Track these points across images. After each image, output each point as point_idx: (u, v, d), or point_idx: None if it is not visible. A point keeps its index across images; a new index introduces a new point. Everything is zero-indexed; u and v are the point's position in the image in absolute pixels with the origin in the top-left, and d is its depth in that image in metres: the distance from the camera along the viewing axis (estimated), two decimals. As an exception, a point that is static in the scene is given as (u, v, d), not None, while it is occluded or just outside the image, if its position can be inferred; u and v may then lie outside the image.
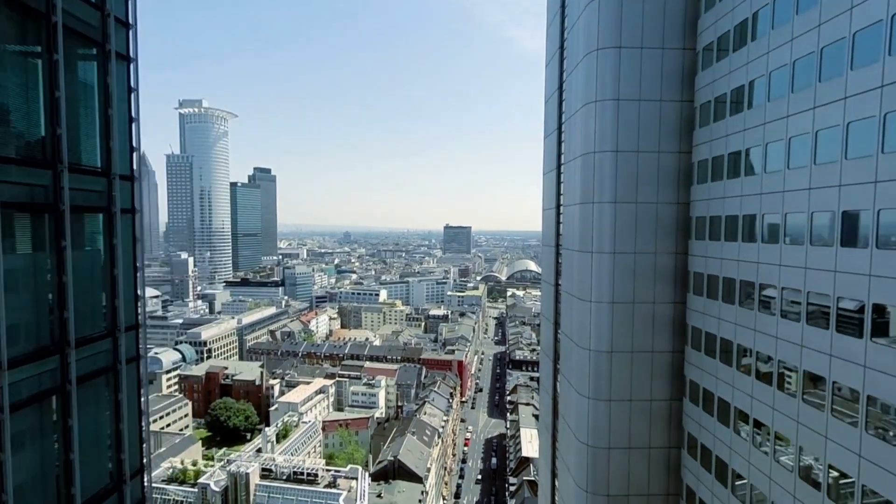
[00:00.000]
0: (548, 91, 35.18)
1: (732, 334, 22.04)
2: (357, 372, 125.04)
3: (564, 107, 30.63)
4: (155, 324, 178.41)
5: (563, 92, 31.82)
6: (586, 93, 25.98)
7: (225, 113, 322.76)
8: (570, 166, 28.89)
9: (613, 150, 24.95)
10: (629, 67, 24.73)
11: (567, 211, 30.28)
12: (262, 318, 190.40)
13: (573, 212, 28.61)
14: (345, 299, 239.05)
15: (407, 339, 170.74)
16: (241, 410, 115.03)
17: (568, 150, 29.50)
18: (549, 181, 34.64)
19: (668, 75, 24.87)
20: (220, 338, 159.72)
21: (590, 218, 26.39)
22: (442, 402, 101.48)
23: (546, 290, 37.72)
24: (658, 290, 26.05)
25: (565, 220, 30.99)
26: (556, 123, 32.52)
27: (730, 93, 22.05)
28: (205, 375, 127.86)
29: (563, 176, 31.47)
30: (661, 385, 26.74)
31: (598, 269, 26.08)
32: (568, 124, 29.43)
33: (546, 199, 35.92)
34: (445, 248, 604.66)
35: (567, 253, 30.25)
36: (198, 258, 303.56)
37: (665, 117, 25.02)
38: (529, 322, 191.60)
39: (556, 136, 32.68)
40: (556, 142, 32.52)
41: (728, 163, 22.49)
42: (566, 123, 30.02)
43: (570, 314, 29.27)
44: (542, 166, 36.48)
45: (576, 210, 27.99)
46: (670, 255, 26.03)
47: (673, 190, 25.59)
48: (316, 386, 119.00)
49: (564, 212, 30.90)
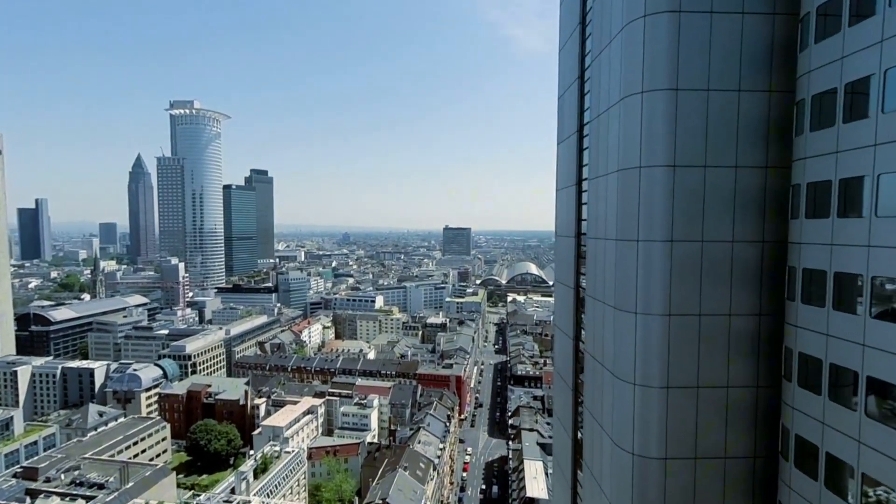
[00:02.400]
0: (563, 83, 27.15)
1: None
2: (348, 390, 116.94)
3: (589, 101, 22.54)
4: (139, 335, 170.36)
5: (584, 82, 23.79)
6: (627, 81, 17.95)
7: (217, 114, 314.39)
8: (601, 182, 20.82)
9: (668, 164, 16.92)
10: (693, 42, 16.72)
11: (596, 184, 21.82)
12: (253, 328, 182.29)
13: (606, 184, 20.26)
14: (340, 306, 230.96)
15: (403, 351, 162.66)
16: (223, 433, 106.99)
17: (596, 164, 21.39)
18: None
19: (752, 53, 16.83)
20: (206, 350, 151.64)
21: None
22: (438, 427, 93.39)
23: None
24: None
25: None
26: (577, 124, 24.46)
27: (876, 77, 13.73)
28: (186, 394, 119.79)
29: (587, 141, 23.36)
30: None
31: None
32: (596, 125, 21.36)
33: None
34: (445, 250, 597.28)
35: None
36: (189, 263, 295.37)
37: (748, 115, 16.99)
38: (531, 331, 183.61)
39: (575, 140, 24.64)
40: (576, 149, 24.48)
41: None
42: (593, 124, 21.93)
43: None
44: (556, 181, 28.43)
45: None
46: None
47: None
48: (304, 406, 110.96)
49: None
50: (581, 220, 24.40)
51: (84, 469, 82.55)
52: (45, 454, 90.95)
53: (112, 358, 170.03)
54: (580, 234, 24.54)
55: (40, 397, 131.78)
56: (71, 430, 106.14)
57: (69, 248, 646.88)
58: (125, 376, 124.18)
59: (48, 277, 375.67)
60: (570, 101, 25.76)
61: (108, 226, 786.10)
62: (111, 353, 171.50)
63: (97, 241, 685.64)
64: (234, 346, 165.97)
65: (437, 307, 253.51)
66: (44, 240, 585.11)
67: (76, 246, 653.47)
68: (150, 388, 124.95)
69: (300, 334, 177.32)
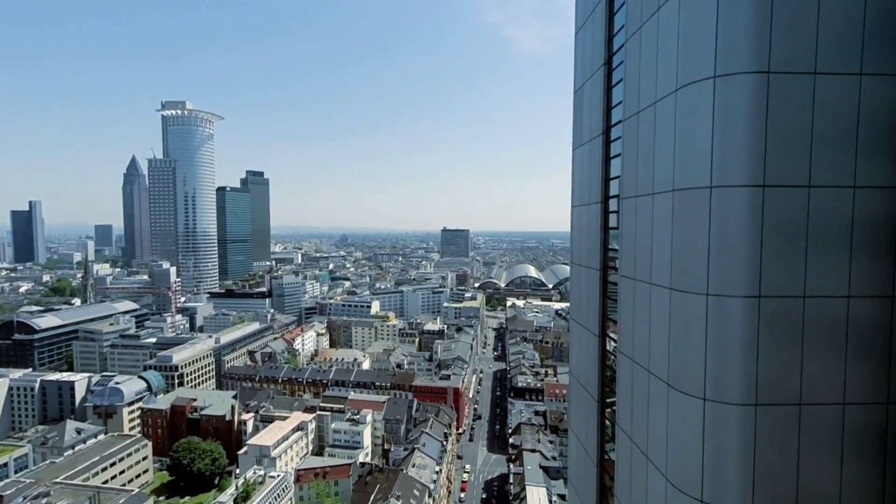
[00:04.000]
0: (580, 74, 21.56)
1: None
2: (341, 404, 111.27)
3: (621, 94, 16.97)
4: (126, 344, 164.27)
5: (612, 71, 18.25)
6: (688, 63, 12.39)
7: (210, 115, 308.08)
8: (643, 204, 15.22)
9: (754, 183, 11.37)
10: (792, 3, 11.20)
11: (634, 206, 15.53)
12: (244, 336, 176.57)
13: (652, 209, 14.22)
14: (335, 312, 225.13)
15: (399, 359, 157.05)
16: (208, 452, 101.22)
17: (633, 178, 15.78)
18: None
19: (881, 19, 11.30)
20: (194, 361, 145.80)
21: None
22: (434, 448, 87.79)
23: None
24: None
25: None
26: (601, 124, 18.90)
27: None
28: (169, 409, 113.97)
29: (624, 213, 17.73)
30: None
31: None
32: (634, 126, 15.76)
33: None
34: (443, 252, 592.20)
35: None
36: (182, 267, 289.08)
37: (873, 109, 11.45)
38: (531, 338, 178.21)
39: (598, 145, 19.07)
40: (601, 156, 18.91)
41: None
42: (627, 124, 16.35)
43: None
44: (572, 194, 22.80)
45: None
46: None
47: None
48: (294, 422, 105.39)
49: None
50: (607, 249, 18.84)
51: (54, 496, 76.72)
52: (13, 478, 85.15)
53: (98, 368, 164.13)
54: (606, 267, 18.96)
55: (18, 412, 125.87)
56: (46, 450, 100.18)
57: (64, 250, 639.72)
58: (106, 390, 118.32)
59: (40, 281, 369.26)
60: (591, 96, 20.17)
61: (104, 228, 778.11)
62: (97, 363, 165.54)
63: (92, 243, 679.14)
64: (224, 356, 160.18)
65: (435, 311, 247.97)
66: (37, 242, 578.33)
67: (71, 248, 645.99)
68: (132, 403, 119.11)
69: (293, 342, 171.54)
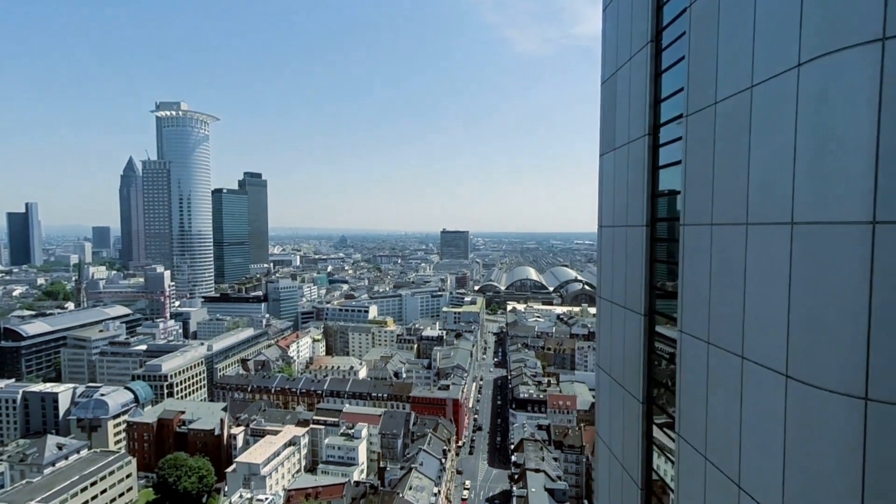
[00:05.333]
0: (612, 58, 16.87)
1: None
2: (335, 418, 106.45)
3: (681, 80, 12.16)
4: (115, 351, 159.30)
5: (663, 50, 13.58)
6: (826, 22, 7.67)
7: (206, 116, 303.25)
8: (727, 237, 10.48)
9: None
10: None
11: (706, 237, 10.81)
12: (238, 343, 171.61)
13: (745, 246, 9.43)
14: (332, 317, 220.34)
15: (397, 367, 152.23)
16: (195, 469, 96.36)
17: (703, 197, 11.00)
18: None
19: None
20: (184, 369, 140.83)
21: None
22: (433, 467, 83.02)
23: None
24: None
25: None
26: (646, 122, 14.17)
27: None
28: (156, 423, 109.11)
29: None
30: None
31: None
32: (705, 124, 10.97)
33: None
34: (443, 253, 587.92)
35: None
36: (176, 271, 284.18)
37: None
38: (532, 345, 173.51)
39: (642, 149, 14.31)
40: (645, 166, 14.18)
41: None
42: (691, 121, 11.57)
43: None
44: (599, 213, 18.06)
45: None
46: None
47: None
48: (286, 436, 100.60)
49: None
50: (654, 289, 14.11)
51: (27, 521, 72.08)
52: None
53: (86, 377, 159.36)
54: (653, 312, 14.23)
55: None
56: (25, 467, 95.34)
57: (61, 252, 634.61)
58: (91, 402, 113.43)
59: (35, 284, 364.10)
60: (628, 86, 15.48)
61: (102, 229, 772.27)
62: (85, 372, 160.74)
63: (90, 245, 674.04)
64: (216, 363, 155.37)
65: (434, 315, 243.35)
66: (34, 244, 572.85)
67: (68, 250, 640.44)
68: (118, 415, 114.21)
69: (287, 349, 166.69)
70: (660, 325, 13.86)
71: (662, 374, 13.71)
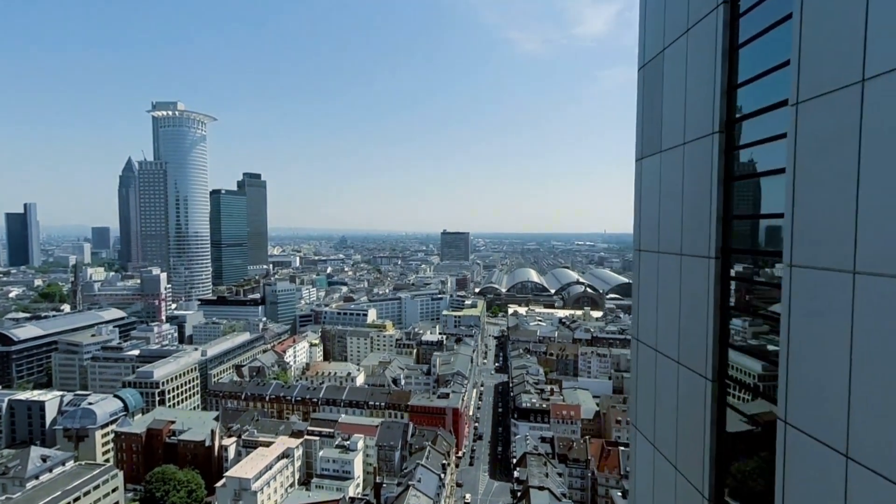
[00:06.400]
0: (658, 35, 13.07)
1: None
2: (330, 428, 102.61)
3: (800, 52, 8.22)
4: (107, 356, 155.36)
5: (740, 14, 9.70)
6: None
7: (203, 116, 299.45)
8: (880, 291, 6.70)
9: None
10: None
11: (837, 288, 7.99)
12: (233, 348, 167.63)
13: None
14: (330, 320, 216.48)
15: (395, 373, 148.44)
16: (184, 483, 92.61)
17: (832, 240, 7.22)
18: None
19: None
20: (177, 376, 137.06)
21: None
22: (431, 483, 79.10)
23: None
24: None
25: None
26: (713, 117, 10.30)
27: None
28: (145, 433, 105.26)
29: None
30: None
31: None
32: (832, 111, 7.13)
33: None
34: (443, 255, 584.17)
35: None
36: (173, 273, 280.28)
37: None
38: (534, 350, 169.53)
39: (710, 149, 10.41)
40: (714, 174, 10.28)
41: None
42: (810, 107, 7.66)
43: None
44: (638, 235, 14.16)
45: None
46: None
47: None
48: (279, 448, 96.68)
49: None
50: (726, 346, 10.19)
51: (3, 542, 68.24)
52: (-39, 519, 76.56)
53: (78, 383, 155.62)
54: (725, 375, 10.34)
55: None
56: (7, 480, 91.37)
57: (60, 253, 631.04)
58: (78, 411, 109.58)
59: (32, 285, 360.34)
60: (684, 67, 11.66)
61: (102, 230, 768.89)
62: (77, 378, 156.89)
63: (89, 245, 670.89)
64: (211, 369, 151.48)
65: (434, 318, 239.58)
66: (32, 245, 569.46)
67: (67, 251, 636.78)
68: (106, 425, 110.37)
69: (284, 354, 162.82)
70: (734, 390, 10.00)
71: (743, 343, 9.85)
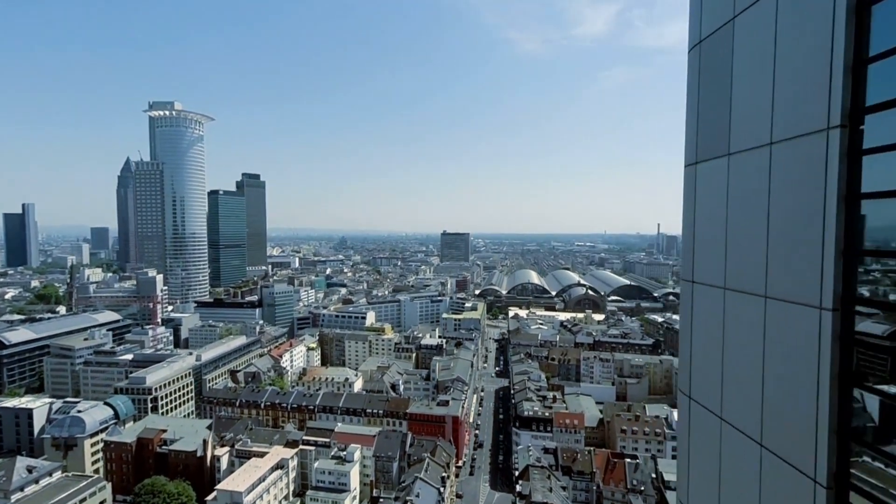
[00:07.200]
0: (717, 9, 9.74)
1: None
2: (326, 438, 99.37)
3: None
4: (100, 361, 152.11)
5: None
6: None
7: (200, 116, 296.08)
8: None
9: None
10: None
11: None
12: (229, 352, 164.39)
13: None
14: (328, 323, 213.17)
15: (394, 379, 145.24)
16: (174, 495, 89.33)
17: None
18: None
19: None
20: (170, 382, 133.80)
21: None
22: (430, 497, 75.94)
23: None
24: None
25: None
26: (835, 109, 7.05)
27: None
28: (136, 442, 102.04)
29: None
30: None
31: None
32: None
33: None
34: (443, 256, 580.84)
35: None
36: (170, 274, 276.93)
37: None
38: (535, 354, 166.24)
39: (821, 150, 7.19)
40: (838, 171, 7.01)
41: None
42: None
43: None
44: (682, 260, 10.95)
45: None
46: None
47: None
48: (273, 459, 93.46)
49: None
50: (848, 429, 6.98)
51: (-19, 562, 65.07)
52: (-60, 536, 73.40)
53: (70, 388, 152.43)
54: (848, 489, 7.11)
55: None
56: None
57: (58, 253, 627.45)
58: (66, 419, 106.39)
59: (28, 287, 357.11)
60: (772, 40, 8.40)
61: (101, 230, 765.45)
62: (69, 383, 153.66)
63: (87, 246, 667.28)
64: (205, 374, 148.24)
65: (434, 321, 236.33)
66: (30, 246, 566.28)
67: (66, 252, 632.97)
68: (96, 433, 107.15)
69: (280, 359, 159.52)
70: None
71: None
